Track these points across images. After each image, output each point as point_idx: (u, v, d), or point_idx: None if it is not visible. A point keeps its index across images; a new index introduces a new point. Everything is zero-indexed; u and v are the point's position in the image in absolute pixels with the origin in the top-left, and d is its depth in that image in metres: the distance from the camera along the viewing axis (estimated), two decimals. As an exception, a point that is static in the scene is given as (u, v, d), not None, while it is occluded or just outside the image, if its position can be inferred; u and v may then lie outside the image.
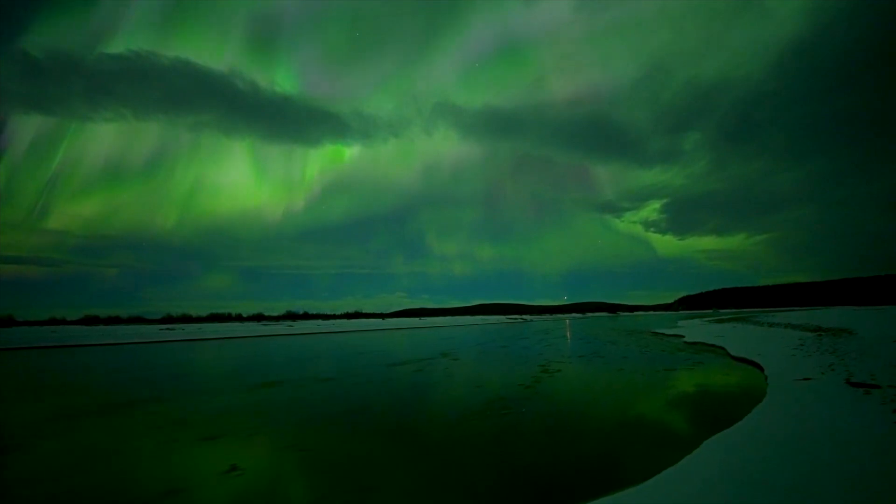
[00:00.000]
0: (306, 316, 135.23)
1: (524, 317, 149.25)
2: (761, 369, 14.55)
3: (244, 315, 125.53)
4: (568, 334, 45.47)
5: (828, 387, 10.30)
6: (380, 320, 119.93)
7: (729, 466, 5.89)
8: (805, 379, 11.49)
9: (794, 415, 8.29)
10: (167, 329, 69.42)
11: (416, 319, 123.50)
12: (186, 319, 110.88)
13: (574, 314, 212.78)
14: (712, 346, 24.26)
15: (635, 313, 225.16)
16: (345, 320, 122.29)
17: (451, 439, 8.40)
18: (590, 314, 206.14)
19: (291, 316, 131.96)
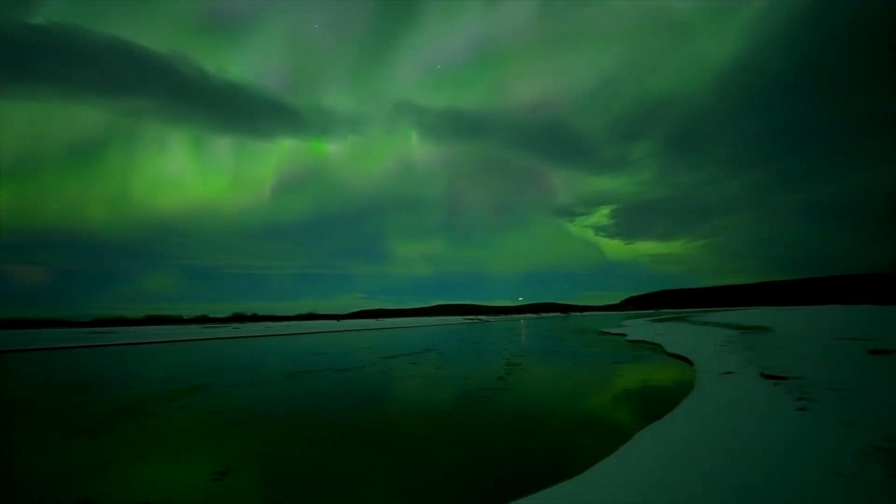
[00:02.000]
0: (256, 318, 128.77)
1: (481, 317, 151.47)
2: (691, 364, 15.78)
3: (186, 317, 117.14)
4: (524, 334, 46.73)
5: (746, 379, 11.35)
6: (335, 322, 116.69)
7: (659, 454, 6.32)
8: (728, 373, 12.59)
9: (717, 405, 9.07)
10: (95, 333, 63.11)
11: (374, 321, 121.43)
12: (120, 322, 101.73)
13: (529, 314, 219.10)
14: (651, 343, 25.98)
15: (585, 313, 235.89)
16: (298, 322, 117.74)
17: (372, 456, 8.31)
18: (544, 314, 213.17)
19: (239, 318, 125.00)
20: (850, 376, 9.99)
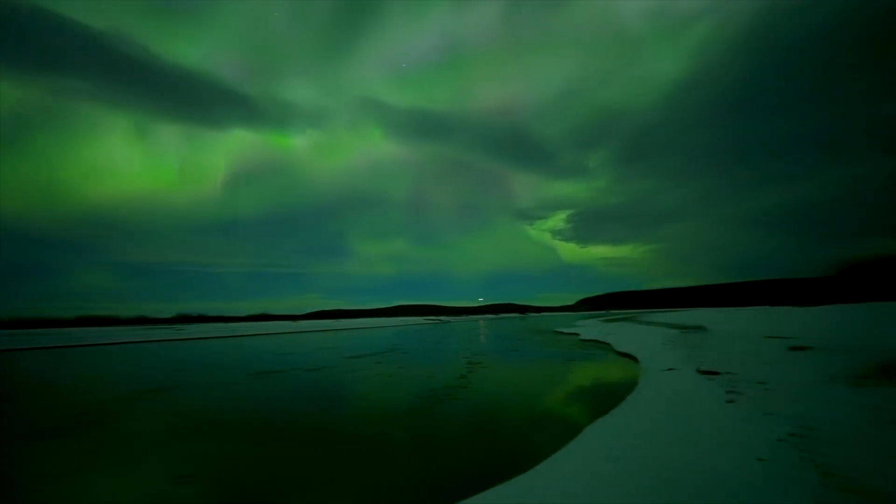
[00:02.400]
0: (203, 319, 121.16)
1: (442, 318, 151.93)
2: (637, 362, 16.65)
3: (122, 318, 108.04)
4: (484, 334, 47.31)
5: (684, 375, 12.13)
6: (290, 323, 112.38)
7: (605, 445, 6.59)
8: (669, 369, 13.40)
9: (659, 398, 9.61)
10: (8, 336, 56.60)
11: (332, 321, 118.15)
12: (43, 323, 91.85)
13: (488, 315, 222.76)
14: (602, 342, 27.20)
15: (542, 314, 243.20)
16: (250, 323, 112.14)
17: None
18: (503, 315, 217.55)
19: (184, 319, 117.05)
20: (772, 371, 10.94)
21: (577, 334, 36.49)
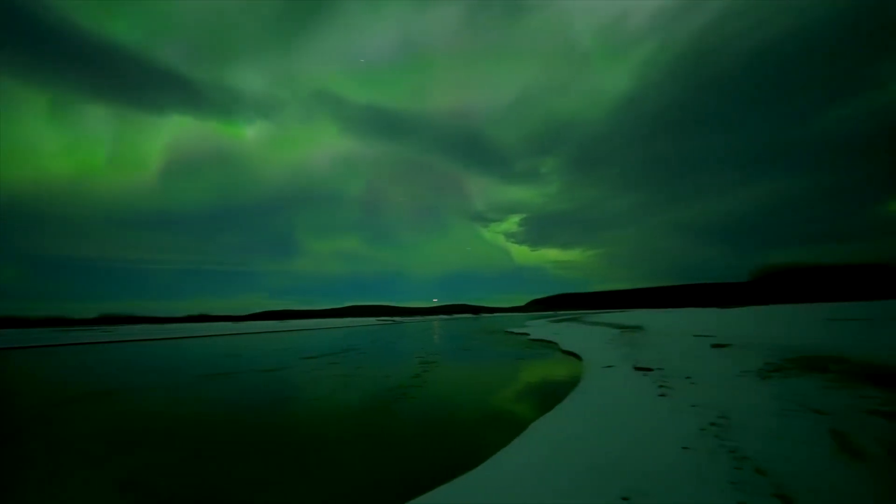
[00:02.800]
0: (132, 319, 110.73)
1: (395, 319, 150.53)
2: (580, 360, 17.53)
3: (33, 318, 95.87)
4: (438, 334, 47.42)
5: (622, 371, 12.95)
6: (233, 324, 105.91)
7: (548, 440, 6.86)
8: (609, 366, 14.23)
9: (598, 394, 10.17)
10: None
11: (279, 322, 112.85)
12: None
13: (442, 315, 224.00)
14: (549, 342, 28.34)
15: (495, 314, 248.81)
16: (187, 324, 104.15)
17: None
18: (456, 315, 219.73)
19: (109, 319, 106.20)
20: (697, 366, 11.98)
21: (527, 334, 37.70)
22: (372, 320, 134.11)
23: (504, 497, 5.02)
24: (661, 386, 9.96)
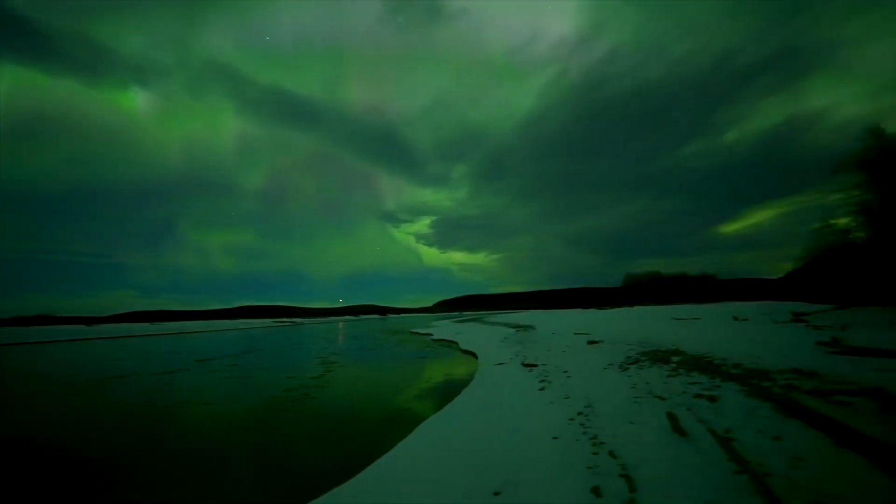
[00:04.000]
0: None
1: (295, 320, 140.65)
2: (476, 358, 18.28)
3: None
4: (342, 335, 45.52)
5: (512, 368, 13.78)
6: (83, 327, 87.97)
7: (432, 441, 6.85)
8: (501, 364, 15.04)
9: (488, 390, 10.62)
10: None
11: (148, 325, 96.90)
12: None
13: (348, 316, 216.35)
14: (450, 341, 29.15)
15: (402, 315, 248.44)
16: (11, 328, 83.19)
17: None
18: (363, 316, 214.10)
19: None
20: (574, 361, 13.29)
21: (430, 334, 38.25)
22: (268, 322, 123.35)
23: (381, 500, 4.84)
24: (542, 381, 10.79)
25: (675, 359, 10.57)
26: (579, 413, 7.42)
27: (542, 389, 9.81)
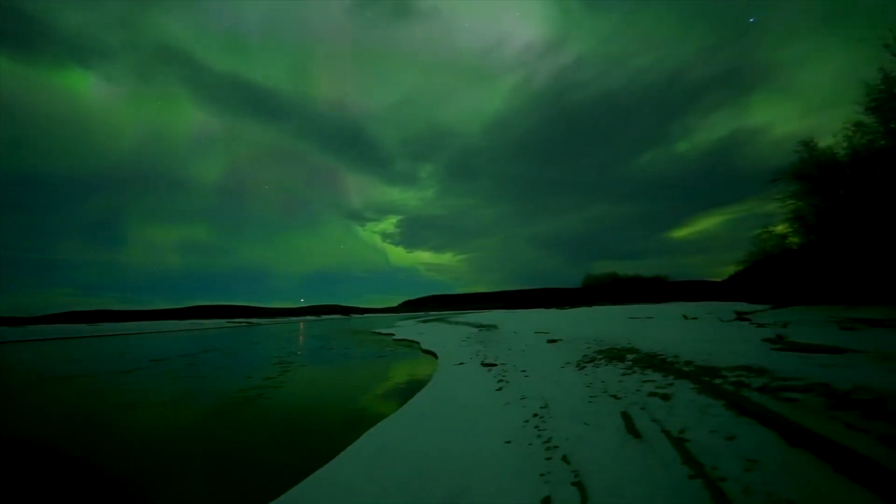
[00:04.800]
0: None
1: (252, 320, 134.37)
2: (437, 357, 17.86)
3: None
4: (303, 335, 43.80)
5: (471, 367, 13.47)
6: (5, 328, 79.31)
7: (383, 444, 6.39)
8: (460, 363, 14.69)
9: (445, 390, 10.24)
10: None
11: (85, 326, 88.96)
12: None
13: (309, 316, 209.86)
14: (412, 341, 28.59)
15: (366, 315, 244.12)
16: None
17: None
18: (325, 316, 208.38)
19: None
20: (533, 360, 13.16)
21: (392, 334, 37.44)
22: (222, 322, 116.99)
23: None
24: (500, 381, 10.51)
25: (630, 356, 10.62)
26: (535, 414, 7.14)
27: (499, 390, 9.52)
